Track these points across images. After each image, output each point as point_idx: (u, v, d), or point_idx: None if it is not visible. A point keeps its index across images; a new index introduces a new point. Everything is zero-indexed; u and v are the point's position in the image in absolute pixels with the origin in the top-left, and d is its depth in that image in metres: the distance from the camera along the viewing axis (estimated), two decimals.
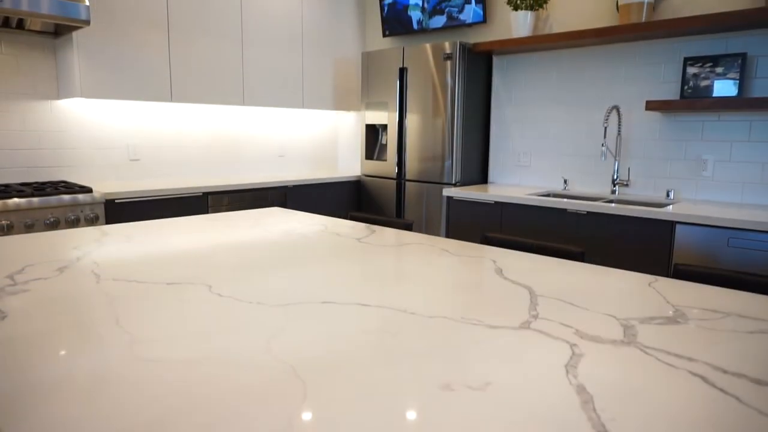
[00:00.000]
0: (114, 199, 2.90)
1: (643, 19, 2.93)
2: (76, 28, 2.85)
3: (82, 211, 2.77)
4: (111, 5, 3.03)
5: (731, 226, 2.36)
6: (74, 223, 2.74)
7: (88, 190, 2.83)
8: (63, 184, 2.96)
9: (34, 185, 2.90)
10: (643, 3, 2.92)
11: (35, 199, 2.61)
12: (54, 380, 0.76)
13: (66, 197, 2.71)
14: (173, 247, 1.62)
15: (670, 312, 1.10)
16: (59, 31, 2.99)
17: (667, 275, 2.58)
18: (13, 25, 2.83)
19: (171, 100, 3.34)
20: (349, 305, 1.11)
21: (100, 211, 2.84)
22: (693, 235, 2.48)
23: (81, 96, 2.96)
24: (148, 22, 3.19)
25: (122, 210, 2.94)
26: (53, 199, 2.67)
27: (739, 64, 2.73)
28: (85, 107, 3.29)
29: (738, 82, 2.73)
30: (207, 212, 3.33)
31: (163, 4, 3.25)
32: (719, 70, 2.79)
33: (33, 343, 0.89)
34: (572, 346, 0.92)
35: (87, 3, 2.68)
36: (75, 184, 2.97)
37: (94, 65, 3.00)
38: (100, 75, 3.03)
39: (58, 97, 3.18)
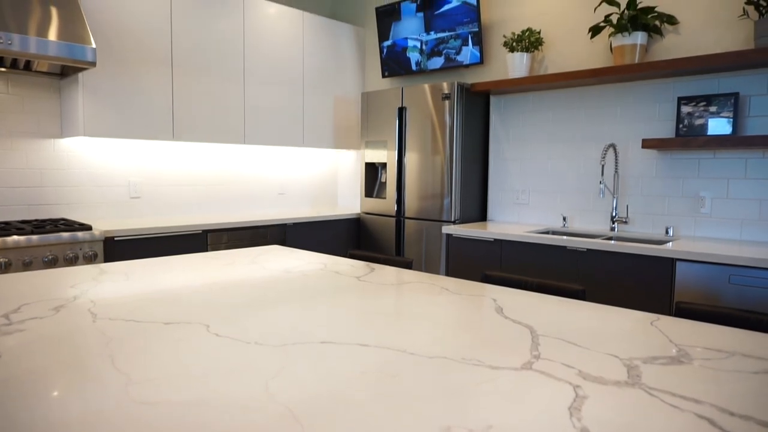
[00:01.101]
0: (113, 237, 2.90)
1: (636, 60, 3.00)
2: (82, 69, 2.91)
3: (80, 249, 2.76)
4: (117, 46, 3.11)
5: (732, 263, 2.35)
6: (72, 261, 2.73)
7: (88, 228, 2.83)
8: (63, 222, 2.96)
9: (34, 223, 2.91)
10: (636, 45, 2.99)
11: (34, 237, 2.61)
12: (47, 422, 0.74)
13: (65, 235, 2.71)
14: (171, 286, 1.61)
15: (674, 351, 1.09)
16: (65, 72, 3.05)
17: (669, 313, 2.56)
18: (21, 66, 2.89)
19: (173, 138, 3.39)
20: (348, 345, 1.10)
21: (99, 249, 2.84)
22: (694, 272, 2.47)
23: (84, 135, 3.00)
24: (153, 63, 3.27)
25: (121, 248, 2.94)
26: (52, 237, 2.67)
27: (732, 103, 2.78)
28: (88, 145, 3.33)
29: (732, 120, 2.78)
30: (206, 250, 3.33)
31: (167, 46, 3.33)
32: (713, 109, 2.84)
33: (26, 384, 0.87)
34: (575, 387, 0.90)
35: (93, 45, 2.75)
36: (75, 222, 2.98)
37: (98, 105, 3.05)
38: (104, 114, 3.08)
39: (62, 135, 3.22)
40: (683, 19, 2.99)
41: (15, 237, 2.56)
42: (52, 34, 2.64)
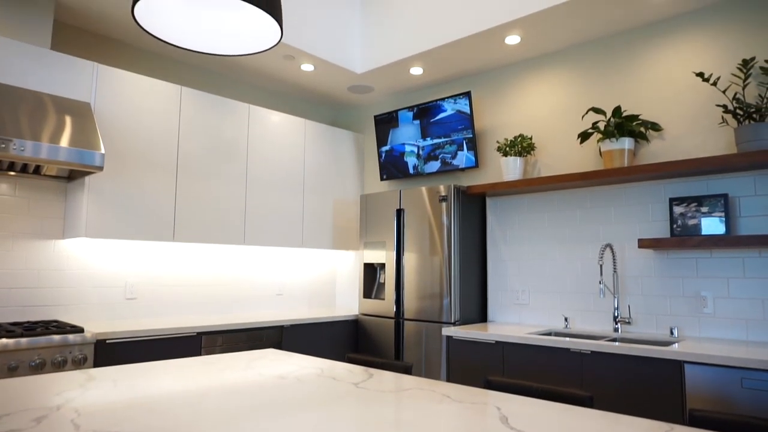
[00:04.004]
0: (105, 340, 2.82)
1: (625, 164, 3.11)
2: (90, 173, 3.01)
3: (70, 353, 2.68)
4: (124, 150, 3.23)
5: (743, 365, 2.28)
6: (60, 365, 2.64)
7: (80, 330, 2.76)
8: (55, 324, 2.90)
9: (25, 325, 2.84)
10: (623, 149, 3.12)
11: (23, 340, 2.54)
12: None
13: (56, 337, 2.64)
14: (161, 393, 1.55)
15: None
16: (73, 175, 3.14)
17: (681, 420, 2.43)
18: (31, 170, 2.99)
19: (173, 239, 3.41)
20: None
21: (89, 352, 2.75)
22: (704, 375, 2.38)
23: (86, 236, 3.02)
24: (158, 166, 3.38)
25: (112, 351, 2.85)
26: (42, 340, 2.59)
27: (722, 204, 2.84)
28: (88, 246, 3.35)
29: (724, 219, 2.83)
30: (200, 353, 3.23)
31: (173, 151, 3.46)
32: (704, 209, 2.90)
33: None
34: None
35: (102, 151, 2.86)
36: (67, 324, 2.91)
37: (102, 207, 3.11)
38: (107, 216, 3.13)
39: (63, 237, 3.24)
40: (667, 126, 3.14)
41: (3, 340, 2.49)
42: (64, 141, 2.75)
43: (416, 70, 4.06)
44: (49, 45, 3.05)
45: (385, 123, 4.48)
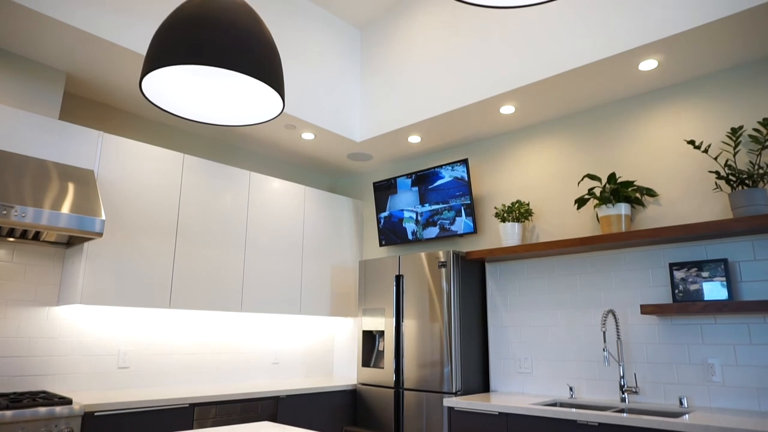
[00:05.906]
0: (93, 412, 2.72)
1: (623, 229, 3.12)
2: (89, 239, 3.01)
3: (56, 426, 2.57)
4: (125, 216, 3.25)
5: None
6: None
7: (68, 402, 2.66)
8: (43, 395, 2.80)
9: (12, 396, 2.74)
10: (620, 215, 3.14)
11: (8, 413, 2.44)
12: None
13: (42, 410, 2.54)
14: None
15: None
16: (72, 241, 3.14)
17: None
18: (30, 236, 2.99)
19: (169, 306, 3.37)
20: None
21: (76, 426, 2.63)
22: None
23: (81, 303, 2.98)
24: (158, 233, 3.38)
25: (101, 424, 2.73)
26: (28, 413, 2.49)
27: (723, 268, 2.83)
28: (82, 313, 3.29)
29: (726, 284, 2.80)
30: (192, 426, 3.10)
31: (174, 217, 3.48)
32: (705, 274, 2.89)
33: None
34: None
35: (103, 217, 2.88)
36: (55, 395, 2.81)
37: (99, 273, 3.09)
38: (103, 282, 3.09)
39: (57, 303, 3.20)
40: (662, 191, 3.19)
41: None
42: (65, 207, 2.77)
43: (414, 138, 4.17)
44: (58, 115, 3.14)
45: (384, 189, 4.54)
